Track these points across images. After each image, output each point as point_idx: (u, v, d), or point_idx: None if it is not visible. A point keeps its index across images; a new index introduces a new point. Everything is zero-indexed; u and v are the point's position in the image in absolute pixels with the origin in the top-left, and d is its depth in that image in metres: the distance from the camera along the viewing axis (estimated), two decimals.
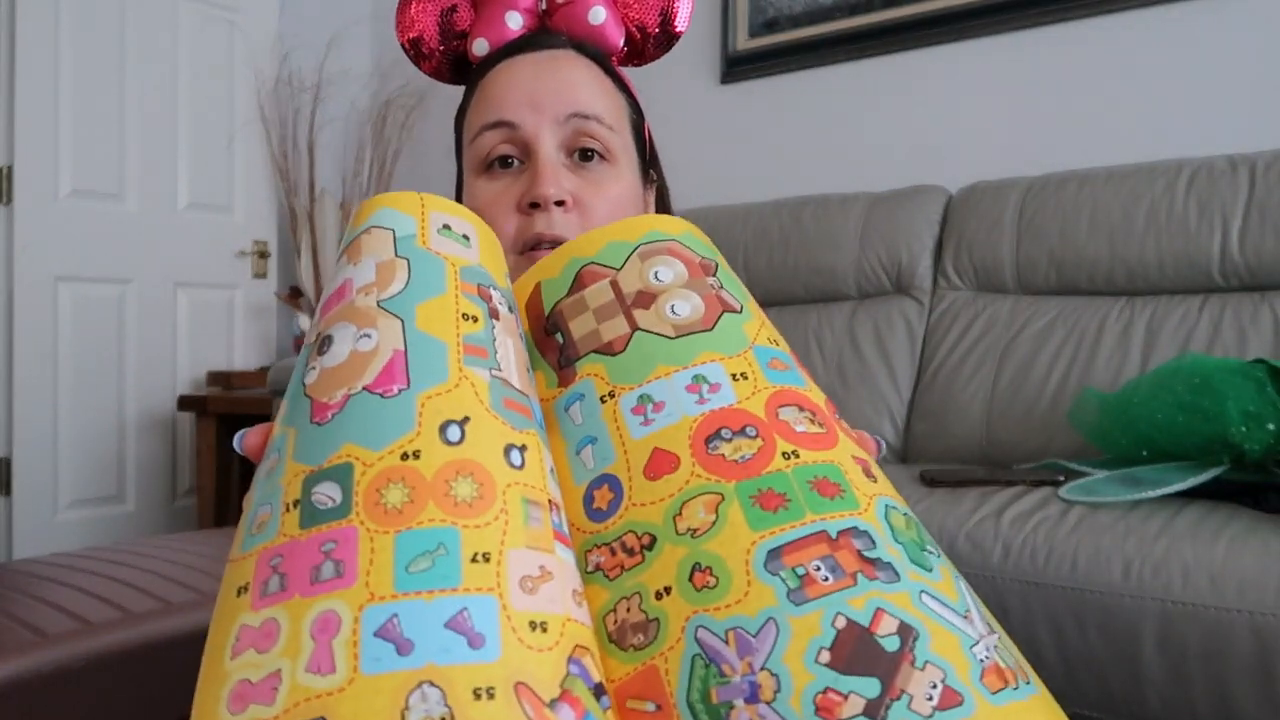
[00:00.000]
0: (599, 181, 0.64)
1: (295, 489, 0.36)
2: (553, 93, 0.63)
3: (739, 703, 0.32)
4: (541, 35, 0.68)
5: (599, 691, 0.34)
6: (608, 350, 0.44)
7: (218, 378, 2.70)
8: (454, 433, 0.37)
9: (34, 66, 2.49)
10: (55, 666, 0.91)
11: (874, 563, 0.35)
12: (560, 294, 0.47)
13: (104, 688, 0.95)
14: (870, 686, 0.32)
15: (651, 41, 0.72)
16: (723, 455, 0.39)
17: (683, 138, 2.40)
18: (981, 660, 0.34)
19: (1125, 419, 1.30)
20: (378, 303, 0.41)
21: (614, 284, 0.46)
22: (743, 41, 2.43)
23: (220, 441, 2.57)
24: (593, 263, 0.47)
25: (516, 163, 0.64)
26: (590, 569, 0.38)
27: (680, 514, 0.38)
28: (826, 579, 0.34)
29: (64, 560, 1.23)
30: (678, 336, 0.43)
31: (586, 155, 0.64)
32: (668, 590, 0.36)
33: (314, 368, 0.40)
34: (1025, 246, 1.77)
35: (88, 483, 2.63)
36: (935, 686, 0.32)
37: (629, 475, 0.40)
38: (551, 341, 0.46)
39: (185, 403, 2.62)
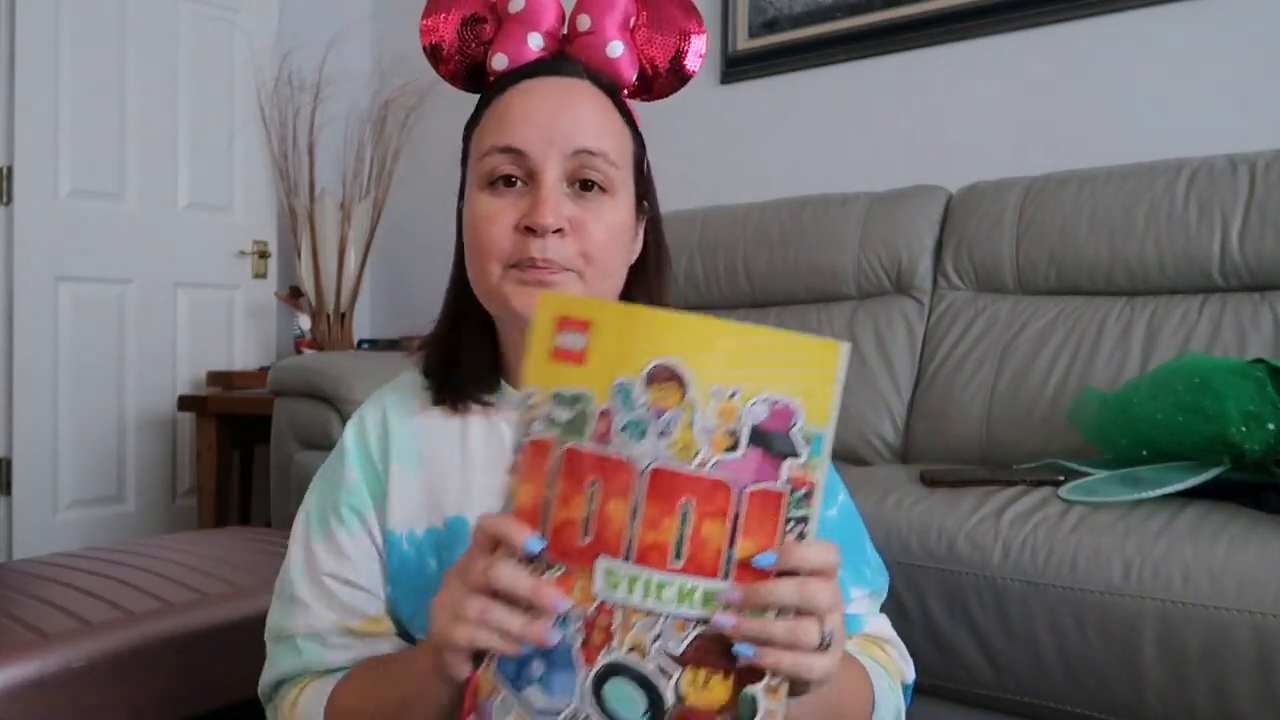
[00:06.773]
0: (597, 210, 0.68)
1: None
2: (565, 127, 0.67)
3: None
4: (559, 61, 0.71)
5: None
6: None
7: (218, 378, 2.70)
8: None
9: (34, 66, 2.49)
10: (55, 666, 0.91)
11: None
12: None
13: (104, 687, 0.95)
14: None
15: (662, 78, 0.76)
16: None
17: (682, 138, 2.40)
18: None
19: (1125, 419, 1.30)
20: None
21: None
22: (743, 41, 2.43)
23: (220, 441, 2.57)
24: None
25: (520, 183, 0.67)
26: None
27: None
28: None
29: (64, 560, 1.23)
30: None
31: (587, 185, 0.68)
32: None
33: None
34: (1025, 246, 1.77)
35: (88, 483, 2.63)
36: None
37: None
38: None
39: (185, 403, 2.62)
